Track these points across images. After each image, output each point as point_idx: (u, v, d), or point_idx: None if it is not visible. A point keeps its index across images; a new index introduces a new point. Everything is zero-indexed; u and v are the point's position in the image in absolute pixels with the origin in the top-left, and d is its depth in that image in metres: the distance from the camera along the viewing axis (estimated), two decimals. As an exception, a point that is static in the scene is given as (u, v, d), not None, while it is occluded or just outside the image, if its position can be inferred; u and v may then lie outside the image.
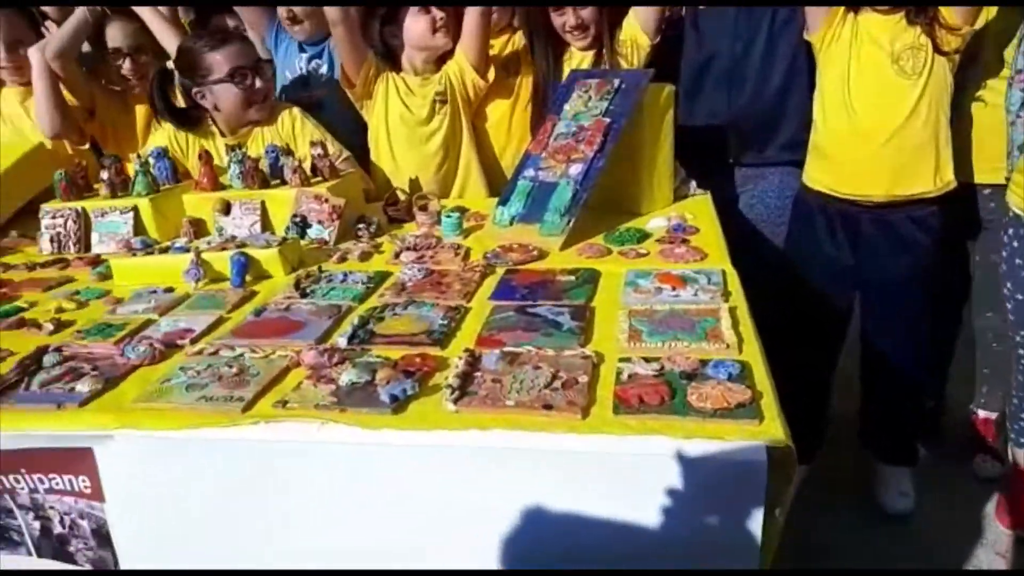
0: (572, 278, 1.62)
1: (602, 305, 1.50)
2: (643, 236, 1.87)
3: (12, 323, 1.61)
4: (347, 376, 1.25)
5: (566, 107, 2.05)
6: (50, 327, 1.57)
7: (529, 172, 1.98)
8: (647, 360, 1.23)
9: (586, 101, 2.03)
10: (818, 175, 2.16)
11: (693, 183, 2.18)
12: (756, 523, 1.05)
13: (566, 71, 2.24)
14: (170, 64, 2.32)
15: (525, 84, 2.39)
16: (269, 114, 2.30)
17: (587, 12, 2.22)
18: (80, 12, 2.36)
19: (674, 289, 1.51)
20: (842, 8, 2.03)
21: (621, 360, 1.24)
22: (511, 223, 1.94)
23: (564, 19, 2.24)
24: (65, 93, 2.39)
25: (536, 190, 1.95)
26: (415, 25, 2.31)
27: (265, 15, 2.63)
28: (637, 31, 2.24)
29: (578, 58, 2.30)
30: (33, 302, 1.75)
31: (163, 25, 2.43)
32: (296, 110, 2.34)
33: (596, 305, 1.50)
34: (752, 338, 1.30)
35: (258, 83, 2.22)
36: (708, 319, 1.37)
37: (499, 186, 2.33)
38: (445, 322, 1.45)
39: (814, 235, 2.20)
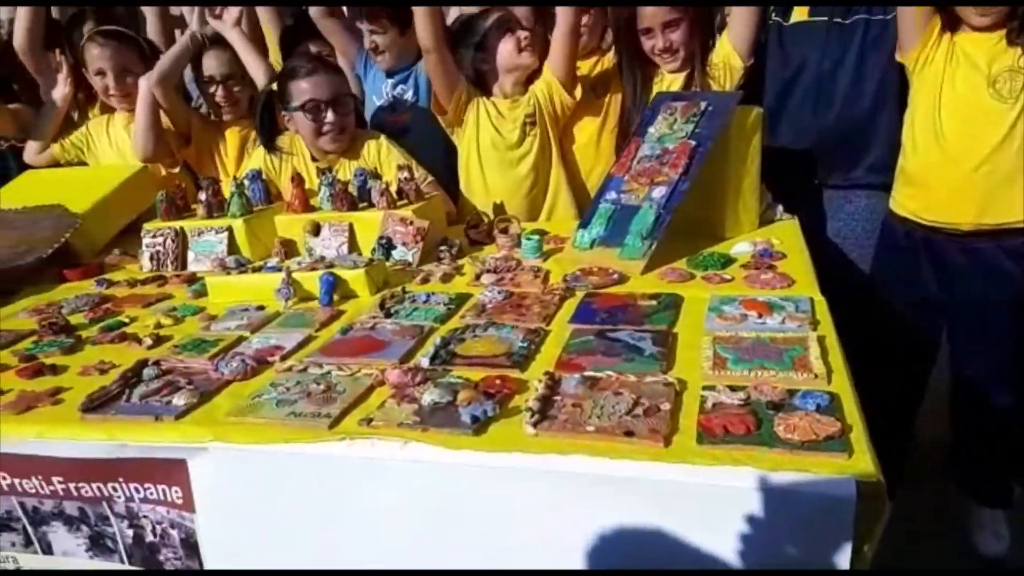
0: (654, 303, 1.60)
1: (685, 331, 1.47)
2: (728, 261, 1.83)
3: (115, 337, 1.70)
4: (429, 396, 1.27)
5: (651, 129, 2.04)
6: (149, 341, 1.65)
7: (611, 195, 1.98)
8: (732, 389, 1.20)
9: (671, 123, 2.01)
10: (905, 200, 2.10)
11: (780, 207, 2.14)
12: (844, 560, 1.01)
13: (655, 93, 2.23)
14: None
15: (614, 105, 2.40)
16: (348, 145, 2.36)
17: (676, 35, 2.21)
18: (183, 40, 2.49)
19: (760, 316, 1.47)
20: (937, 28, 1.97)
21: (705, 388, 1.22)
22: (591, 246, 1.93)
23: (653, 42, 2.23)
24: (164, 120, 2.52)
25: (618, 213, 1.94)
26: (502, 47, 2.36)
27: (354, 42, 2.71)
28: (731, 52, 2.22)
29: (668, 80, 2.29)
30: (134, 317, 1.84)
31: (252, 53, 2.54)
32: (382, 138, 2.40)
33: (679, 331, 1.48)
34: (842, 369, 1.25)
35: (329, 116, 2.27)
36: (796, 348, 1.33)
37: (587, 208, 2.35)
38: (525, 344, 1.46)
39: (900, 262, 2.13)
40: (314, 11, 2.66)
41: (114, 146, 2.62)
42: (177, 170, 2.58)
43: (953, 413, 2.22)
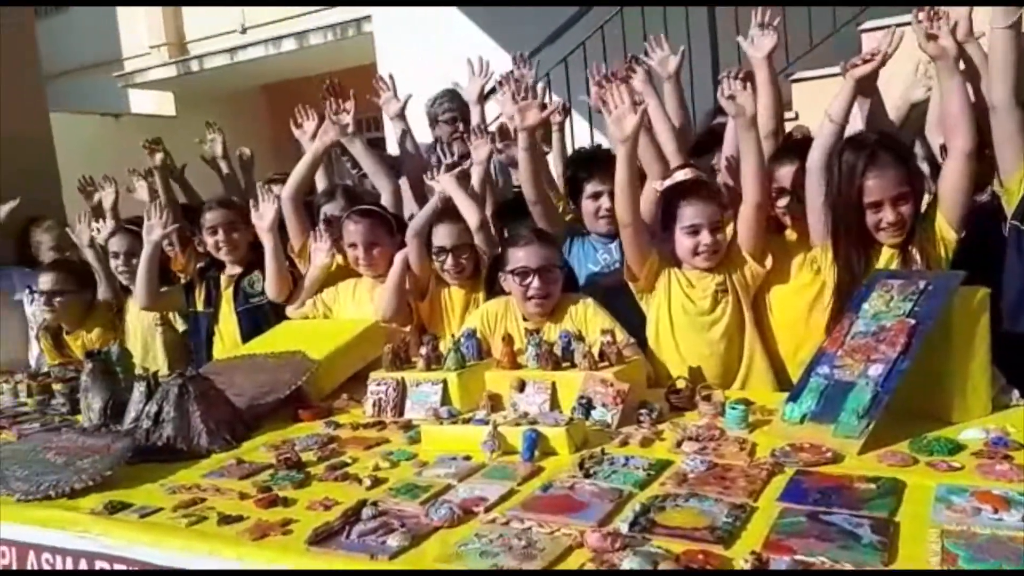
0: (872, 486, 1.51)
1: (908, 520, 1.38)
2: (956, 447, 1.70)
3: (339, 475, 1.85)
4: (629, 563, 1.26)
5: (865, 306, 1.98)
6: (368, 483, 1.78)
7: (823, 369, 1.92)
8: (966, 590, 1.10)
9: (887, 301, 1.95)
10: None
11: (1016, 392, 1.97)
12: None
13: (870, 269, 2.18)
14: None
15: (828, 284, 2.36)
16: (553, 309, 2.50)
17: (907, 208, 2.17)
18: (433, 201, 2.79)
19: (996, 511, 1.35)
20: None
21: (934, 586, 1.12)
22: (802, 421, 1.87)
23: (880, 216, 2.19)
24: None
25: (830, 388, 1.87)
26: (683, 241, 2.43)
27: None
28: (944, 225, 2.16)
29: (886, 256, 2.23)
30: (356, 458, 1.99)
31: (468, 203, 2.79)
32: (590, 300, 2.52)
33: (901, 520, 1.38)
34: (1102, 581, 1.11)
35: (535, 283, 2.44)
36: (1041, 551, 1.20)
37: (788, 384, 2.29)
38: (730, 520, 1.42)
39: None
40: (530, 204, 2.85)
41: (357, 306, 2.93)
42: (408, 328, 2.82)
43: None
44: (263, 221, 3.00)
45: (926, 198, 2.32)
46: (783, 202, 2.44)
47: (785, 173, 2.42)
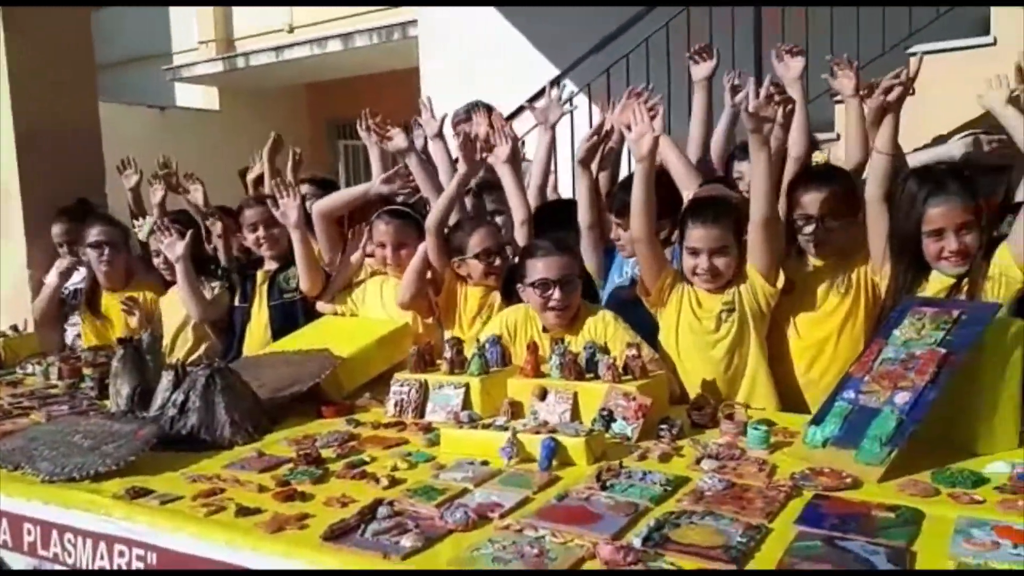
0: (891, 515, 1.49)
1: (925, 551, 1.36)
2: (979, 480, 1.67)
3: (356, 473, 1.86)
4: (641, 578, 1.26)
5: (895, 332, 1.96)
6: (385, 482, 1.79)
7: (848, 394, 1.90)
8: (980, 626, 1.08)
9: (919, 329, 1.92)
10: None
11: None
12: None
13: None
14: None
15: (861, 310, 2.36)
16: (570, 321, 2.49)
17: (970, 238, 2.12)
18: (449, 192, 2.77)
19: (1016, 546, 1.32)
20: None
21: (948, 620, 1.11)
22: (824, 445, 1.85)
23: (942, 245, 2.14)
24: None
25: (854, 414, 1.85)
26: (686, 260, 2.43)
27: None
28: (1011, 264, 2.10)
29: (935, 286, 2.18)
30: (375, 457, 2.00)
31: (518, 192, 2.85)
32: (608, 314, 2.51)
33: (917, 550, 1.36)
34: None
35: (556, 295, 2.42)
36: (1062, 591, 1.18)
37: (794, 402, 2.34)
38: (744, 540, 1.42)
39: None
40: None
41: (383, 305, 2.95)
42: (431, 321, 2.84)
43: None
44: (288, 219, 3.02)
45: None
46: (809, 229, 2.41)
47: (811, 200, 2.40)
